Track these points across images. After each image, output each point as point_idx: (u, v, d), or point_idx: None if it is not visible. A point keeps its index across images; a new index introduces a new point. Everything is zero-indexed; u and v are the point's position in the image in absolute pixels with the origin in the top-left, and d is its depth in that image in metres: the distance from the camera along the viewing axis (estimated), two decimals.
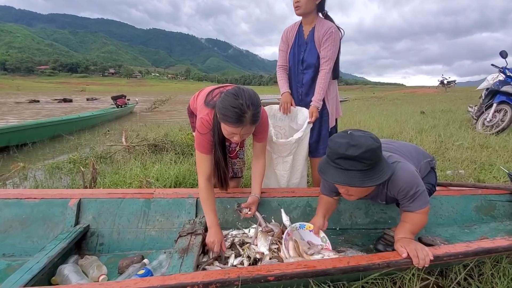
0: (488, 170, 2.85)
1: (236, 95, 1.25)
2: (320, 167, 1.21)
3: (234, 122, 1.25)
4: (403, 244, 1.14)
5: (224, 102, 1.26)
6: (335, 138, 1.15)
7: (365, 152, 1.05)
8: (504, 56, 4.75)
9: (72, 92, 34.07)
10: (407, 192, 1.18)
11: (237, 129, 1.28)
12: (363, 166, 1.08)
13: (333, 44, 1.86)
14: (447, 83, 22.67)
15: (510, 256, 1.30)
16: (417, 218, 1.21)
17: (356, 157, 1.06)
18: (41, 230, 1.52)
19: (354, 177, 1.09)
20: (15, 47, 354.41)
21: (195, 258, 1.23)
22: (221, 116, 1.28)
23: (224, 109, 1.25)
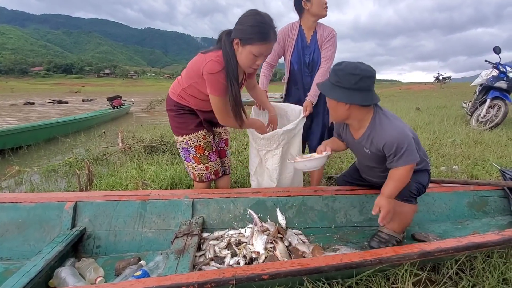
0: (482, 165, 2.89)
1: (257, 13, 1.30)
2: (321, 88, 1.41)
3: (263, 39, 1.28)
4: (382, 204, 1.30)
5: (248, 21, 1.28)
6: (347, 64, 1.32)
7: (344, 71, 1.27)
8: (497, 51, 4.79)
9: (67, 93, 33.80)
10: (396, 149, 1.28)
11: (265, 47, 1.32)
12: (336, 81, 1.30)
13: (333, 46, 1.96)
14: (443, 79, 22.82)
15: (501, 250, 1.33)
16: (400, 174, 1.31)
17: (335, 70, 1.31)
18: (37, 234, 1.52)
19: (327, 86, 1.34)
20: (8, 48, 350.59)
21: (191, 259, 1.24)
22: (248, 37, 1.29)
23: (252, 27, 1.27)
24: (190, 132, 1.65)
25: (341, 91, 1.30)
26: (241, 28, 1.28)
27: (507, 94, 4.76)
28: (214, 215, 1.66)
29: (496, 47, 4.80)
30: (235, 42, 1.33)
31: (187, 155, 1.71)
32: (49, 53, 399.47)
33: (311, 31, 1.99)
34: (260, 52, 1.32)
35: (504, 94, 4.74)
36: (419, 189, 1.44)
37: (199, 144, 1.67)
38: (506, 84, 4.70)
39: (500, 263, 1.27)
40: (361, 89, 1.29)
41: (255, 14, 1.29)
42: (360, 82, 1.27)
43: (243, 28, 1.28)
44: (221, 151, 1.88)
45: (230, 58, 1.35)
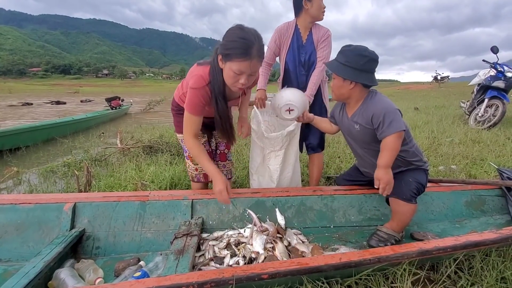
0: (480, 165, 2.90)
1: (241, 28, 1.24)
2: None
3: (243, 55, 1.20)
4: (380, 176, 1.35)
5: (229, 36, 1.23)
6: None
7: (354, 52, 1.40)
8: (495, 51, 4.82)
9: (65, 94, 33.71)
10: (383, 117, 1.36)
11: (245, 64, 1.22)
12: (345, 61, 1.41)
13: (328, 46, 1.97)
14: (441, 78, 22.91)
15: (499, 249, 1.34)
16: (391, 142, 1.35)
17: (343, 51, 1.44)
18: (36, 235, 1.52)
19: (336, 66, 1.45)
20: (5, 49, 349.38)
21: (190, 259, 1.24)
22: (227, 52, 1.23)
23: (231, 42, 1.21)
24: None
25: (350, 70, 1.40)
26: (223, 43, 1.24)
27: (505, 93, 4.79)
28: (214, 215, 1.66)
29: (493, 46, 4.82)
30: (219, 58, 1.29)
31: (185, 152, 1.77)
32: (47, 54, 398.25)
33: (307, 31, 2.00)
34: (240, 70, 1.24)
35: (501, 94, 4.77)
36: (419, 188, 1.46)
37: None
38: (503, 84, 4.72)
39: (498, 262, 1.28)
40: (367, 70, 1.41)
41: (237, 29, 1.23)
42: (367, 64, 1.40)
43: (225, 42, 1.23)
44: (221, 154, 1.87)
45: (216, 74, 1.33)
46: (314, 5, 1.89)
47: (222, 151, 1.87)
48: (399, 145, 1.38)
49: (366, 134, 1.50)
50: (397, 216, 1.50)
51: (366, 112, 1.45)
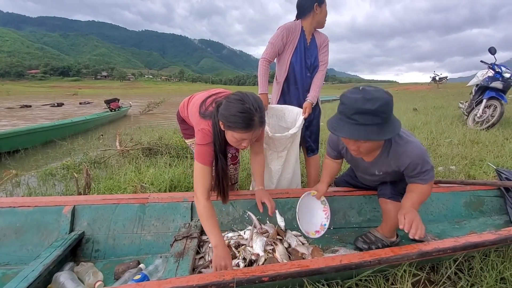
0: (478, 165, 2.91)
1: (241, 100, 1.24)
2: (333, 124, 1.22)
3: (244, 128, 1.23)
4: (406, 213, 1.21)
5: (230, 109, 1.24)
6: (349, 94, 1.15)
7: (382, 105, 1.08)
8: (493, 52, 4.84)
9: (64, 96, 33.64)
10: (419, 168, 1.26)
11: (247, 134, 1.26)
12: (380, 119, 1.11)
13: (328, 51, 2.09)
14: (439, 79, 22.99)
15: (498, 249, 1.34)
16: (426, 190, 1.29)
17: (373, 111, 1.08)
18: (35, 238, 1.52)
19: (371, 131, 1.11)
20: (4, 51, 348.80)
21: (191, 262, 1.24)
22: (228, 124, 1.25)
23: (232, 116, 1.22)
24: (193, 136, 1.68)
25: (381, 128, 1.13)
26: (225, 114, 1.25)
27: (503, 94, 4.80)
28: None
29: (491, 47, 4.85)
30: (220, 123, 1.31)
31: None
32: (46, 56, 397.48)
33: (310, 34, 2.03)
34: (242, 138, 1.28)
35: (500, 94, 4.78)
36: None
37: None
38: (501, 84, 4.74)
39: (498, 262, 1.28)
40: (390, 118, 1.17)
41: (238, 103, 1.23)
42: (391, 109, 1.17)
43: (226, 114, 1.24)
44: (232, 157, 1.89)
45: (217, 133, 1.35)
46: (323, 11, 1.96)
47: (234, 154, 1.90)
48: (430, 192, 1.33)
49: (388, 176, 1.43)
50: (386, 217, 1.49)
51: (397, 161, 1.30)
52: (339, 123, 1.18)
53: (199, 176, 1.39)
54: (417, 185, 1.30)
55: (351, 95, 1.14)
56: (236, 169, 1.94)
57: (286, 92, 2.11)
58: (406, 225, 1.16)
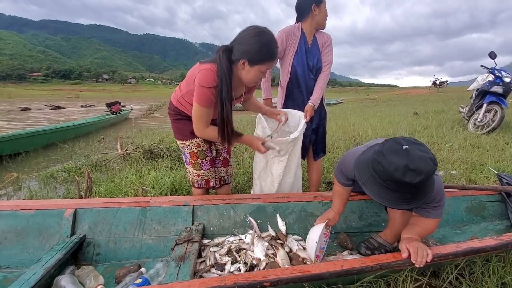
0: (479, 170, 2.91)
1: (261, 32, 1.27)
2: (362, 177, 1.09)
3: (274, 58, 1.29)
4: (407, 243, 1.13)
5: (254, 43, 1.26)
6: (390, 155, 0.99)
7: (424, 179, 0.96)
8: (493, 57, 4.86)
9: (65, 99, 33.77)
10: (435, 200, 1.17)
11: (273, 63, 1.33)
12: (415, 190, 1.00)
13: (331, 50, 2.05)
14: (440, 83, 23.02)
15: (499, 255, 1.34)
16: (430, 225, 1.22)
17: (413, 185, 0.96)
18: (37, 241, 1.52)
19: (403, 199, 1.01)
20: (5, 54, 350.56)
21: (192, 266, 1.24)
22: (258, 58, 1.27)
23: (262, 48, 1.25)
24: (185, 138, 1.67)
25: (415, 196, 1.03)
26: (248, 50, 1.25)
27: (503, 98, 4.81)
28: (215, 221, 1.66)
29: (491, 52, 4.87)
30: (241, 62, 1.30)
31: (185, 158, 1.77)
32: (48, 59, 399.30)
33: (311, 35, 2.02)
34: (268, 68, 1.33)
35: (500, 99, 4.79)
36: None
37: (193, 151, 1.70)
38: (502, 89, 4.75)
39: (499, 267, 1.28)
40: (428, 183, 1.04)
41: (259, 34, 1.26)
42: (429, 182, 1.03)
43: (250, 49, 1.25)
44: (223, 161, 1.88)
45: (225, 77, 1.30)
46: (322, 12, 1.94)
47: (225, 158, 1.88)
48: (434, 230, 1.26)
49: None
50: (391, 224, 1.49)
51: None
52: (370, 178, 1.05)
53: (199, 115, 1.42)
54: (421, 218, 1.23)
55: (392, 157, 0.98)
56: (227, 171, 1.91)
57: (289, 96, 2.12)
58: (412, 254, 1.09)
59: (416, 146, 1.02)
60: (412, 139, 1.06)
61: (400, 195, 1.01)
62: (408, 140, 1.04)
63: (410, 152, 0.98)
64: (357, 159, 1.18)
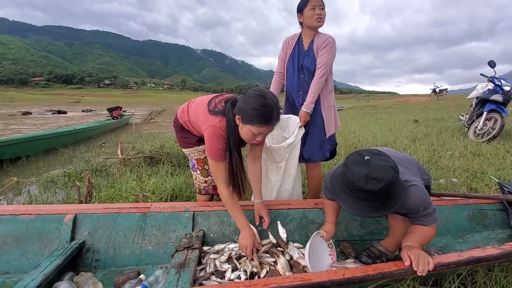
0: (480, 178, 2.90)
1: (262, 95, 1.29)
2: (335, 189, 1.17)
3: (265, 122, 1.28)
4: (408, 250, 1.15)
5: (250, 103, 1.28)
6: (352, 166, 1.06)
7: (385, 186, 1.01)
8: (492, 65, 4.89)
9: (67, 104, 33.92)
10: (421, 210, 1.19)
11: (265, 129, 1.31)
12: (382, 197, 1.05)
13: (328, 52, 1.95)
14: (439, 91, 23.13)
15: (502, 264, 1.33)
16: (428, 232, 1.23)
17: (375, 192, 1.02)
18: (36, 247, 1.51)
19: (371, 207, 1.07)
20: (8, 58, 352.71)
21: (192, 273, 1.23)
22: (249, 118, 1.29)
23: (253, 110, 1.26)
24: (192, 146, 1.72)
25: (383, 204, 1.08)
26: (244, 108, 1.29)
27: (503, 107, 4.83)
28: (215, 228, 1.65)
29: (491, 61, 4.90)
30: (237, 117, 1.34)
31: (193, 165, 1.79)
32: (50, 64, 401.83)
33: (309, 39, 2.05)
34: (260, 132, 1.32)
35: (500, 107, 4.81)
36: None
37: (200, 157, 1.74)
38: (501, 97, 4.77)
39: (501, 277, 1.27)
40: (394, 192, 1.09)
41: (258, 97, 1.28)
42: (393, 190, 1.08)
43: (245, 108, 1.28)
44: None
45: (232, 129, 1.37)
46: (305, 16, 1.97)
47: None
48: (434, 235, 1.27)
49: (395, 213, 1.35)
50: (392, 232, 1.48)
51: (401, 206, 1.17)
52: (340, 191, 1.13)
53: (215, 171, 1.46)
54: (419, 226, 1.25)
55: (354, 168, 1.05)
56: None
57: (288, 98, 2.18)
58: (413, 262, 1.09)
59: (378, 156, 1.08)
60: (375, 151, 1.12)
61: (368, 204, 1.06)
62: (371, 152, 1.10)
63: (371, 162, 1.04)
64: (332, 173, 1.23)
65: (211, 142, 1.40)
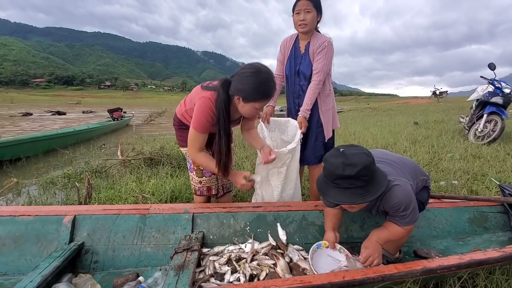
0: (481, 180, 2.89)
1: (257, 71, 1.29)
2: (320, 187, 1.23)
3: (268, 96, 1.31)
4: (367, 244, 1.29)
5: (248, 83, 1.29)
6: (330, 158, 1.16)
7: (361, 169, 1.09)
8: (492, 68, 4.89)
9: (67, 105, 33.96)
10: (400, 210, 1.23)
11: (267, 101, 1.35)
12: (362, 182, 1.12)
13: (324, 57, 1.92)
14: (439, 93, 23.15)
15: (503, 267, 1.32)
16: (399, 232, 1.28)
17: (353, 176, 1.09)
18: (34, 248, 1.50)
19: (355, 194, 1.12)
20: (9, 59, 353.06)
21: (191, 275, 1.22)
22: (252, 97, 1.30)
23: (255, 89, 1.29)
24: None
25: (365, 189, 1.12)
26: (243, 89, 1.30)
27: (503, 109, 4.83)
28: (214, 230, 1.64)
29: (490, 63, 4.91)
30: (237, 98, 1.35)
31: (189, 165, 1.80)
32: (51, 65, 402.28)
33: (306, 41, 2.02)
34: (263, 106, 1.36)
35: (500, 109, 4.81)
36: (419, 207, 1.43)
37: None
38: (502, 100, 4.77)
39: (502, 280, 1.26)
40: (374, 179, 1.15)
41: (255, 74, 1.29)
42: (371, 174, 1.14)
43: (245, 88, 1.29)
44: None
45: (223, 110, 1.37)
46: (293, 21, 1.97)
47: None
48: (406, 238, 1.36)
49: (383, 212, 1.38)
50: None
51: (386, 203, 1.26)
52: (325, 186, 1.19)
53: (192, 139, 1.48)
54: (392, 224, 1.29)
55: (331, 159, 1.15)
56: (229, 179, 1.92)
57: (288, 100, 2.20)
58: (362, 259, 1.26)
59: (352, 147, 1.18)
60: (350, 145, 1.21)
61: (352, 192, 1.12)
62: (346, 146, 1.20)
63: (345, 152, 1.14)
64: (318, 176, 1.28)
65: (198, 113, 1.42)
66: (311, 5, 1.88)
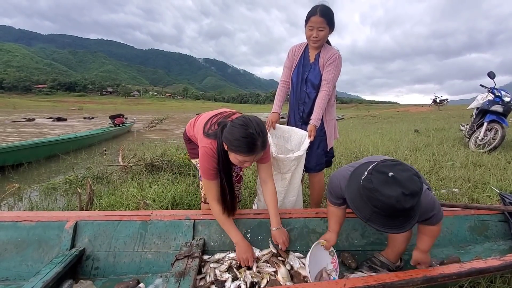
0: (482, 188, 2.89)
1: (245, 125, 1.30)
2: (365, 214, 1.07)
3: (247, 152, 1.30)
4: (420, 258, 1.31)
5: (234, 134, 1.30)
6: (383, 189, 0.99)
7: (419, 197, 1.02)
8: (492, 77, 4.93)
9: (69, 111, 34.16)
10: (429, 212, 1.21)
11: (250, 157, 1.34)
12: (417, 207, 1.05)
13: (335, 69, 1.97)
14: (440, 101, 23.20)
15: (504, 275, 1.32)
16: (437, 230, 1.30)
17: (411, 208, 1.00)
18: (36, 254, 1.51)
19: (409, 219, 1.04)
20: (13, 66, 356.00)
21: (192, 282, 1.22)
22: (232, 147, 1.32)
23: (236, 141, 1.29)
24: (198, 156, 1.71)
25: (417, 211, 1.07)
26: (229, 138, 1.32)
27: (504, 117, 4.84)
28: (215, 236, 1.64)
29: (490, 72, 4.94)
30: (224, 144, 1.38)
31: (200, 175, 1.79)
32: (54, 71, 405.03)
33: (316, 51, 2.04)
34: (245, 160, 1.35)
35: (500, 118, 4.82)
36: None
37: None
38: (502, 108, 4.79)
39: None
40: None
41: (242, 127, 1.30)
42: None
43: (230, 138, 1.32)
44: (237, 177, 1.91)
45: (221, 153, 1.42)
46: (305, 32, 1.97)
47: (238, 173, 1.91)
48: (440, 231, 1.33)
49: None
50: (391, 243, 1.48)
51: None
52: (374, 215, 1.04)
53: (207, 189, 1.53)
54: (427, 227, 1.28)
55: (387, 191, 0.99)
56: (240, 187, 1.95)
57: (292, 107, 2.19)
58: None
59: (397, 167, 1.04)
60: (389, 161, 1.09)
61: (404, 218, 1.04)
62: (387, 165, 1.06)
63: (397, 178, 1.00)
64: (349, 196, 1.16)
65: (202, 161, 1.47)
66: (324, 23, 1.87)
